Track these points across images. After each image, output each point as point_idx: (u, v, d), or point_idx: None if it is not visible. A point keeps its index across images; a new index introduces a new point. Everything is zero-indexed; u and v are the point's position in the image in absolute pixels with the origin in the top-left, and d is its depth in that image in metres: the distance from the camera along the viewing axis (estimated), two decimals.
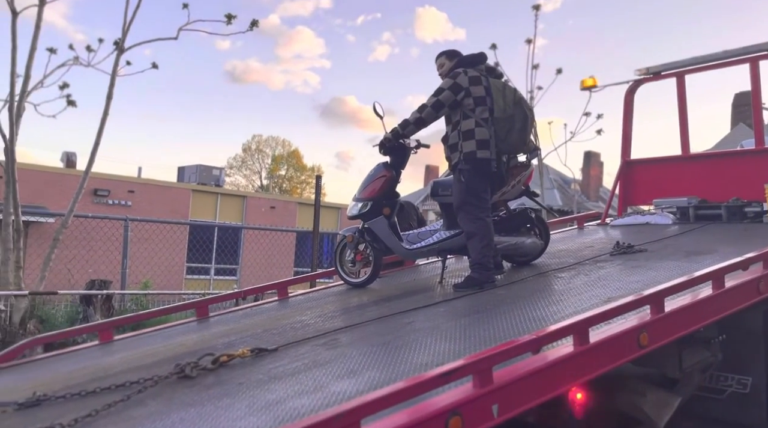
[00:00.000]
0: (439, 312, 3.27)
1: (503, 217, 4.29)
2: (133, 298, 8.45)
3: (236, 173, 48.16)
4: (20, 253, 7.26)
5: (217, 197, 22.24)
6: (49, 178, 17.18)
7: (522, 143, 4.00)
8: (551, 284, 3.64)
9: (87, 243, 10.06)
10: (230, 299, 5.20)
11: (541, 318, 2.79)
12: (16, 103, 7.41)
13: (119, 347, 3.85)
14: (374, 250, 4.39)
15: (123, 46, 8.09)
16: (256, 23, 9.02)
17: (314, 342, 2.91)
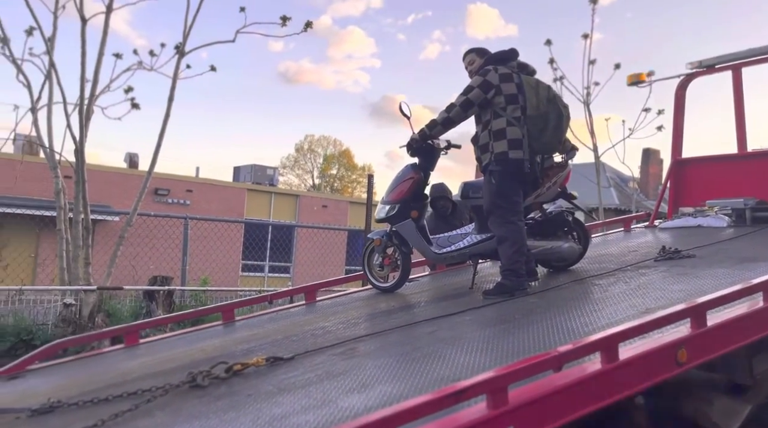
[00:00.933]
0: (465, 321, 3.16)
1: (538, 220, 4.14)
2: (192, 294, 8.71)
3: (289, 172, 49.03)
4: (89, 250, 7.61)
5: (271, 196, 22.71)
6: (113, 178, 17.97)
7: (557, 143, 3.83)
8: (587, 293, 3.45)
9: (149, 241, 10.47)
10: (257, 303, 5.11)
11: (571, 330, 2.65)
12: (85, 106, 7.77)
13: (143, 351, 3.88)
14: (402, 254, 4.29)
15: (184, 50, 8.35)
16: (310, 24, 9.13)
17: (331, 351, 2.86)
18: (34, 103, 7.80)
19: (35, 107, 7.79)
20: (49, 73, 7.78)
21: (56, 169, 7.71)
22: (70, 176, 7.80)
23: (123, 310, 7.75)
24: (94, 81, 7.85)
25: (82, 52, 7.80)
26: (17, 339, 6.62)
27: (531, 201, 4.03)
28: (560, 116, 3.76)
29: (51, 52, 7.75)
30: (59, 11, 7.79)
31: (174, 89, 8.40)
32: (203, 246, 12.08)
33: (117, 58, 8.31)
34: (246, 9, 8.53)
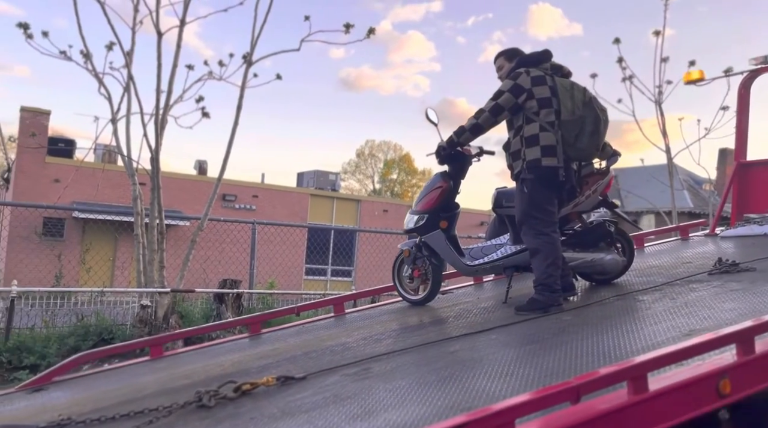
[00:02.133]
0: (489, 341, 3.00)
1: (578, 231, 3.92)
2: (260, 297, 8.92)
3: (350, 177, 49.63)
4: (163, 254, 7.95)
5: (333, 201, 23.04)
6: (184, 184, 18.72)
7: (594, 148, 3.61)
8: (627, 310, 3.20)
9: (218, 245, 10.83)
10: (285, 314, 5.05)
11: (602, 354, 2.44)
12: (160, 116, 8.14)
13: (164, 364, 3.88)
14: (432, 265, 4.14)
15: (251, 60, 8.61)
16: (372, 31, 9.21)
17: (345, 371, 2.78)
18: (114, 114, 8.24)
19: (115, 118, 8.23)
20: (127, 85, 8.20)
21: (134, 176, 8.10)
22: (144, 183, 8.18)
23: (195, 312, 8.05)
24: (168, 92, 8.21)
25: (158, 64, 8.18)
26: (99, 338, 7.00)
27: (568, 211, 3.85)
28: (597, 121, 3.55)
29: (129, 66, 8.17)
30: (137, 26, 8.21)
31: (242, 98, 8.67)
32: (269, 250, 12.39)
33: (189, 69, 8.66)
34: (303, 17, 8.70)
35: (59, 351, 6.66)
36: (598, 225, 3.90)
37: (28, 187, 17.00)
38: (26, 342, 6.54)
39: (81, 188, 14.87)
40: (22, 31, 7.89)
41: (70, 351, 6.74)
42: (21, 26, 7.87)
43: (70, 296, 7.93)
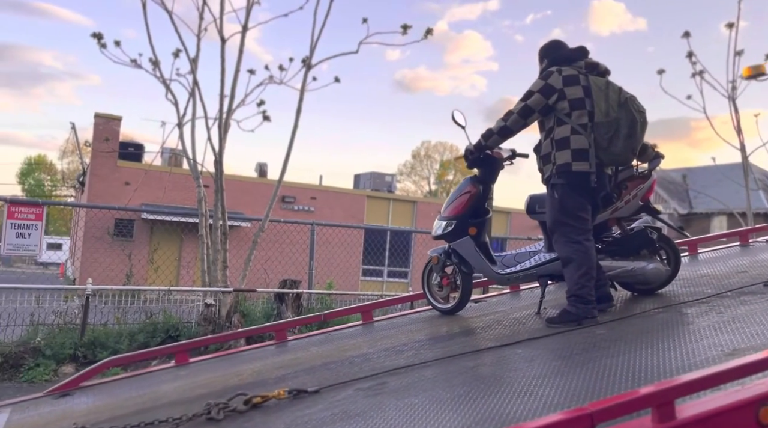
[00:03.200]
0: (514, 356, 2.85)
1: (617, 238, 3.70)
2: (319, 297, 9.02)
3: (406, 179, 49.66)
4: (226, 254, 8.17)
5: (389, 202, 23.09)
6: (244, 186, 19.22)
7: (629, 153, 3.37)
8: (667, 324, 2.97)
9: (278, 245, 11.03)
10: (311, 322, 4.95)
11: (632, 375, 2.25)
12: (223, 120, 8.37)
13: (187, 371, 3.89)
14: (462, 273, 3.99)
15: (310, 63, 8.72)
16: (430, 31, 9.16)
17: (360, 385, 2.70)
18: (180, 119, 8.53)
19: (181, 123, 8.51)
20: (193, 90, 8.48)
21: (198, 179, 8.36)
22: (208, 185, 8.43)
23: (256, 311, 8.22)
24: (231, 96, 8.43)
25: (221, 69, 8.43)
26: (166, 335, 7.25)
27: (606, 217, 3.65)
28: (633, 123, 3.32)
29: (195, 72, 8.44)
30: (202, 33, 8.47)
31: (302, 101, 8.79)
32: (326, 251, 12.52)
33: (251, 74, 8.87)
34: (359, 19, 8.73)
35: (130, 346, 6.94)
36: (639, 232, 3.66)
37: (101, 189, 17.89)
38: (100, 337, 6.85)
39: (149, 191, 15.52)
40: (96, 41, 8.30)
41: (140, 347, 7.02)
42: (95, 36, 8.26)
43: (139, 294, 8.27)
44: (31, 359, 6.39)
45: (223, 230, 8.21)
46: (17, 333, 6.84)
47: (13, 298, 7.34)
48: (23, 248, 7.31)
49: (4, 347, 6.47)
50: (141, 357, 4.52)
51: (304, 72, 8.77)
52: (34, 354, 6.45)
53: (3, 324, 6.81)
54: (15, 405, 3.62)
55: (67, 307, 7.38)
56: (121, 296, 7.89)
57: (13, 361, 6.35)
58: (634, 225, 3.76)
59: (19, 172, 47.48)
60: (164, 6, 8.28)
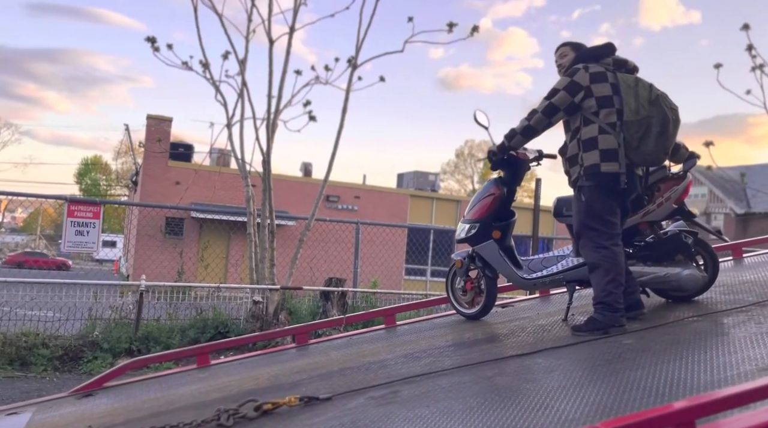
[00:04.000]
0: (534, 366, 2.75)
1: (649, 243, 3.53)
2: (363, 296, 9.06)
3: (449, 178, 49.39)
4: (273, 252, 8.29)
5: (432, 201, 23.00)
6: (289, 185, 19.49)
7: (661, 152, 3.20)
8: (700, 334, 2.82)
9: (323, 244, 11.14)
10: (331, 326, 4.89)
11: (658, 389, 2.11)
12: (271, 120, 8.50)
13: (207, 374, 3.91)
14: (486, 278, 3.91)
15: (356, 63, 8.76)
16: (476, 29, 9.04)
17: (373, 393, 2.67)
18: (229, 119, 8.70)
19: (230, 123, 8.69)
20: (241, 91, 8.64)
21: (247, 178, 8.51)
22: (255, 185, 8.57)
23: (302, 308, 8.31)
24: (279, 97, 8.56)
25: (269, 70, 8.55)
26: (215, 331, 7.42)
27: (637, 220, 3.50)
28: (665, 121, 3.15)
29: (243, 73, 8.60)
30: (250, 35, 8.63)
31: (347, 101, 8.83)
32: (370, 250, 12.56)
33: (297, 74, 8.98)
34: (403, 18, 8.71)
35: (181, 342, 7.13)
36: (673, 236, 3.49)
37: (153, 189, 18.47)
38: (153, 332, 7.06)
39: (198, 190, 15.92)
40: (149, 45, 8.55)
41: (191, 343, 7.20)
42: (149, 40, 8.52)
43: (190, 290, 8.49)
44: (89, 352, 6.65)
45: (270, 228, 8.34)
46: (76, 327, 7.13)
47: (73, 293, 7.65)
48: (82, 246, 7.62)
49: (65, 340, 6.76)
50: (160, 358, 4.54)
51: (350, 72, 8.81)
52: (92, 347, 6.71)
53: (63, 318, 7.10)
54: (39, 404, 3.69)
55: (122, 302, 7.65)
56: (173, 293, 8.12)
57: (73, 354, 6.62)
58: (669, 229, 3.60)
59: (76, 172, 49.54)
60: (214, 9, 8.47)
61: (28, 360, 6.38)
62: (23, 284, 7.20)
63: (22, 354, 6.41)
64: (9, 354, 6.36)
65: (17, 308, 7.14)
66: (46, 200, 9.17)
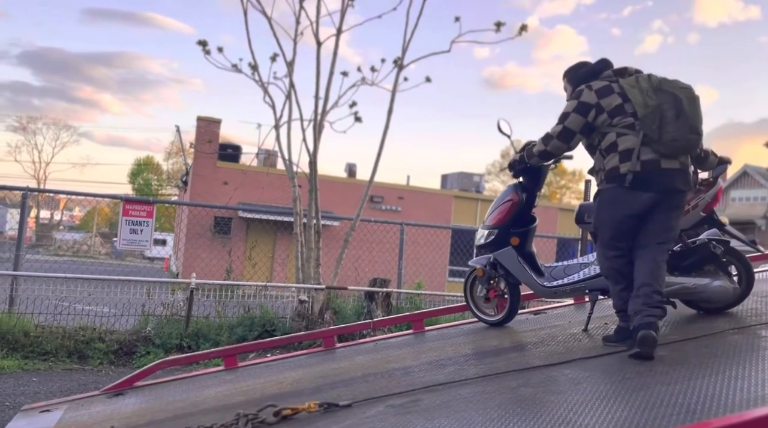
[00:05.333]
0: (560, 377, 2.67)
1: (676, 252, 3.38)
2: (408, 297, 9.04)
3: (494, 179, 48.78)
4: (319, 252, 8.37)
5: (477, 202, 22.76)
6: (334, 186, 19.64)
7: (688, 132, 3.00)
8: (738, 348, 2.67)
9: (367, 244, 11.18)
10: (359, 329, 4.80)
11: (689, 406, 2.01)
12: (318, 122, 8.58)
13: (233, 376, 3.91)
14: (509, 285, 3.86)
15: (402, 64, 8.76)
16: (525, 28, 8.94)
17: (393, 401, 2.63)
18: (277, 120, 8.84)
19: (278, 124, 8.82)
20: (289, 93, 8.75)
21: (294, 179, 8.62)
22: (301, 185, 8.67)
23: (347, 308, 8.35)
24: (325, 98, 8.64)
25: (316, 72, 8.65)
26: (263, 329, 7.54)
27: None
28: (677, 102, 3.01)
29: (291, 75, 8.71)
30: (298, 37, 8.73)
31: (393, 102, 8.85)
32: (414, 251, 12.53)
33: (344, 76, 9.03)
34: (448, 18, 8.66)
35: (229, 339, 7.28)
36: (702, 246, 3.34)
37: (202, 189, 18.94)
38: (203, 329, 7.23)
39: (246, 190, 16.22)
40: (201, 48, 8.77)
41: (239, 340, 7.34)
42: (200, 44, 8.73)
43: (237, 289, 8.66)
44: (142, 347, 6.86)
45: (316, 228, 8.42)
46: (130, 323, 7.37)
47: (127, 290, 7.91)
48: (136, 243, 7.88)
49: (120, 335, 7.00)
50: (190, 359, 4.57)
51: (396, 73, 8.81)
52: (145, 343, 6.92)
53: (118, 314, 7.36)
54: (72, 402, 3.76)
55: (173, 300, 7.86)
56: (221, 291, 8.29)
57: (127, 348, 6.85)
58: (698, 238, 3.44)
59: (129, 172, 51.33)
60: (263, 11, 8.61)
61: (86, 353, 6.64)
62: (81, 280, 7.48)
63: (80, 347, 6.68)
64: (68, 348, 6.63)
65: (75, 303, 7.44)
66: (102, 199, 9.53)
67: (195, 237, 14.63)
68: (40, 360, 6.43)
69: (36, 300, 7.09)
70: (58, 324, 6.97)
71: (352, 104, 9.06)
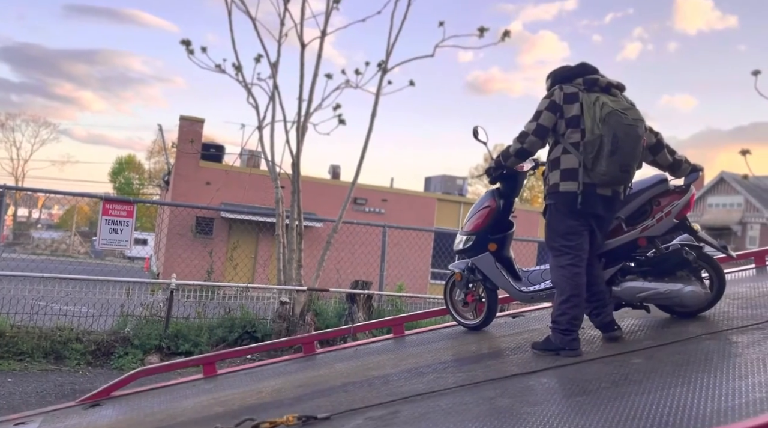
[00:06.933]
0: (537, 386, 2.71)
1: (649, 258, 3.46)
2: (389, 299, 9.06)
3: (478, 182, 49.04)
4: (301, 254, 8.36)
5: (460, 205, 22.88)
6: (317, 188, 19.60)
7: (617, 171, 3.12)
8: (712, 354, 2.68)
9: (349, 246, 11.19)
10: (339, 335, 4.87)
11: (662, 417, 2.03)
12: (301, 123, 8.58)
13: (212, 385, 3.88)
14: (487, 290, 3.94)
15: (386, 67, 8.79)
16: (507, 34, 9.01)
17: (372, 413, 2.62)
18: (260, 121, 8.82)
19: (261, 125, 8.80)
20: (272, 94, 8.74)
21: (276, 180, 8.61)
22: (284, 187, 8.65)
23: (328, 310, 8.36)
24: (309, 100, 8.64)
25: (300, 74, 8.65)
26: (243, 330, 7.51)
27: (636, 235, 3.41)
28: (615, 139, 3.08)
29: (275, 76, 8.70)
30: (282, 39, 8.73)
31: (377, 105, 8.87)
32: (396, 253, 12.57)
33: (328, 78, 9.04)
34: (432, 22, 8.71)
35: (209, 340, 7.24)
36: (674, 252, 3.40)
37: (184, 189, 18.79)
38: (182, 330, 7.18)
39: (229, 191, 16.13)
40: (184, 47, 8.72)
41: (219, 341, 7.31)
42: (184, 43, 8.67)
43: (218, 289, 8.61)
44: (120, 347, 6.80)
45: (298, 230, 8.41)
46: (109, 323, 7.29)
47: (106, 290, 7.83)
48: (116, 243, 7.80)
49: (98, 335, 6.92)
50: (169, 368, 4.55)
51: (380, 76, 8.85)
52: (123, 343, 6.86)
53: (96, 314, 7.28)
54: (47, 414, 3.70)
55: (153, 300, 7.79)
56: (202, 291, 8.25)
57: (105, 349, 6.78)
58: (671, 244, 3.50)
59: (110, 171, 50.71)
60: (248, 12, 8.59)
61: (63, 354, 6.56)
62: (59, 279, 7.39)
63: (57, 348, 6.59)
64: (44, 348, 6.54)
65: (53, 303, 7.35)
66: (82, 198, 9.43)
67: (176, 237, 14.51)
68: (15, 360, 6.34)
69: (12, 300, 6.99)
70: (35, 324, 6.87)
71: (336, 107, 9.06)
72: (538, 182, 48.73)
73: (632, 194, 3.44)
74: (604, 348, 3.17)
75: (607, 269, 3.48)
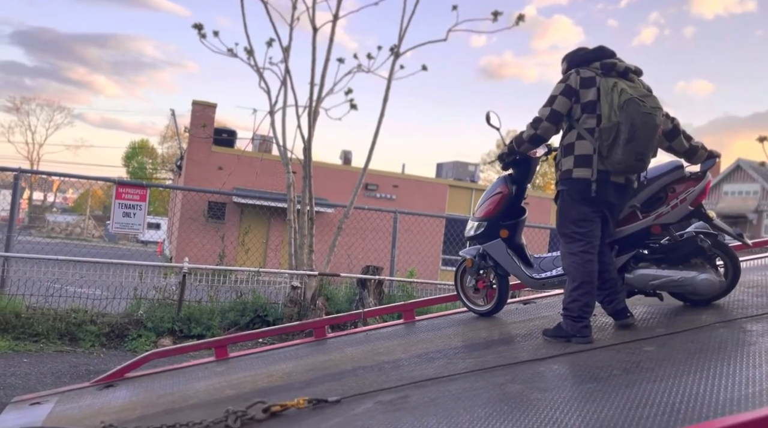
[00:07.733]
0: (548, 372, 2.67)
1: (663, 245, 3.42)
2: (400, 285, 9.08)
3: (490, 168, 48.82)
4: (312, 239, 8.38)
5: (471, 192, 22.80)
6: (329, 173, 19.62)
7: (633, 160, 3.08)
8: (726, 343, 2.64)
9: (360, 232, 11.20)
10: (349, 320, 4.80)
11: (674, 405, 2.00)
12: (313, 108, 8.55)
13: (224, 368, 3.88)
14: (498, 276, 3.92)
15: (399, 52, 8.72)
16: (522, 18, 8.91)
17: (382, 397, 2.62)
18: (272, 106, 8.80)
19: (273, 110, 8.79)
20: (284, 79, 8.71)
21: (288, 165, 8.61)
22: (296, 172, 8.65)
23: (339, 295, 8.39)
24: (321, 84, 8.61)
25: (312, 58, 8.60)
26: (255, 314, 7.57)
27: (650, 222, 3.37)
28: (633, 127, 3.04)
29: (287, 60, 8.66)
30: (294, 23, 8.68)
31: (389, 90, 8.82)
32: (407, 239, 12.57)
33: (340, 62, 8.99)
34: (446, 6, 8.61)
35: (221, 323, 7.31)
36: (689, 239, 3.36)
37: (196, 173, 18.88)
38: (194, 314, 7.25)
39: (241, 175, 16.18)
40: (196, 32, 8.70)
41: (231, 325, 7.38)
42: (196, 27, 8.66)
43: (230, 274, 8.67)
44: (134, 330, 6.88)
45: (310, 215, 8.43)
46: (122, 306, 7.38)
47: (119, 273, 7.91)
48: (129, 227, 7.87)
49: (111, 318, 7.01)
50: (181, 350, 4.60)
51: (392, 60, 8.78)
52: (136, 326, 6.94)
53: (110, 297, 7.36)
54: (62, 394, 3.74)
55: (166, 284, 7.87)
56: (214, 275, 8.30)
57: (119, 331, 6.87)
58: (685, 231, 3.46)
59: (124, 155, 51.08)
60: None
61: (77, 335, 6.65)
62: (73, 262, 7.48)
63: (72, 329, 6.69)
64: (59, 329, 6.64)
65: (67, 285, 7.44)
66: (96, 182, 9.50)
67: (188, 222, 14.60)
68: (31, 341, 6.44)
69: (27, 282, 7.09)
70: (50, 306, 6.97)
71: (347, 91, 9.03)
72: (551, 169, 48.47)
73: (647, 181, 3.40)
74: (616, 335, 3.14)
75: (620, 256, 3.45)
